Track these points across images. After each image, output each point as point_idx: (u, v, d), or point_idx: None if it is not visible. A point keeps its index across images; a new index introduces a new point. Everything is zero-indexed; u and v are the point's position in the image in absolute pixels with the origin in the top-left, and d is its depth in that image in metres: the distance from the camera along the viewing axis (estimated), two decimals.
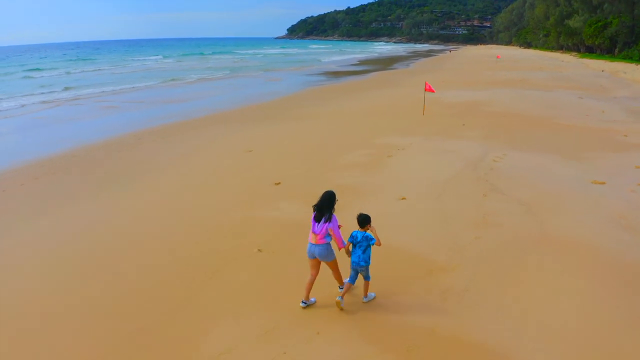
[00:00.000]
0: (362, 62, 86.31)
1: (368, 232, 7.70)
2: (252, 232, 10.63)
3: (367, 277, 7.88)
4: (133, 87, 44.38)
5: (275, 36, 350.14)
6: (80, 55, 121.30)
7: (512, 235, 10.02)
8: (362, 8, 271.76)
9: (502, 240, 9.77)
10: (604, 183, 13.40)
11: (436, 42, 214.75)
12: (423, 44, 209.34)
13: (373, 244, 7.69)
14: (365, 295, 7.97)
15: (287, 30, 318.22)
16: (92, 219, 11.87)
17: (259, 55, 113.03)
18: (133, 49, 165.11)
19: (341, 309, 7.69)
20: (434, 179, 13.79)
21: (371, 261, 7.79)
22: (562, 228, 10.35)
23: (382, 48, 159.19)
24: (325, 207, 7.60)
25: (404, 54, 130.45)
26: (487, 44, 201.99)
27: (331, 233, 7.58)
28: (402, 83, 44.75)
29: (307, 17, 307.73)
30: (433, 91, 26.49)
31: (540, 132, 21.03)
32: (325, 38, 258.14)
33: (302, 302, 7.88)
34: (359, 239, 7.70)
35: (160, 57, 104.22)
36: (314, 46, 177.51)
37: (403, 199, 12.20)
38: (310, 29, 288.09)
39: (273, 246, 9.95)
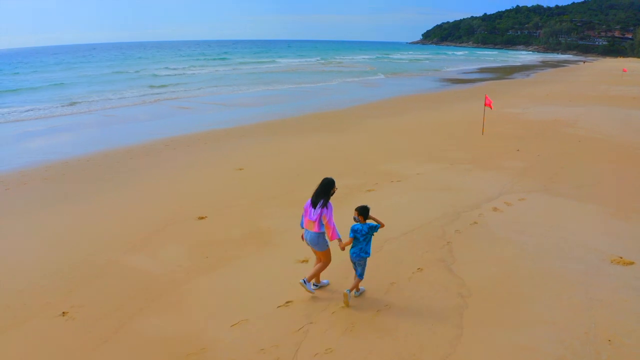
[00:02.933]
0: (482, 70, 78.70)
1: (370, 221, 7.12)
2: (81, 285, 7.93)
3: (361, 274, 7.28)
4: (231, 90, 42.52)
5: (409, 41, 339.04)
6: (214, 54, 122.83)
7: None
8: (499, 15, 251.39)
9: None
10: (631, 263, 8.52)
11: (574, 52, 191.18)
12: (561, 54, 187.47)
13: (378, 229, 7.17)
14: (355, 289, 7.39)
15: (422, 35, 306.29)
16: None
17: (384, 60, 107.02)
18: (265, 49, 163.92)
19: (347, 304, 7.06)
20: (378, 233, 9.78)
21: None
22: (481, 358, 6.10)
23: (518, 57, 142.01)
24: (322, 192, 7.10)
25: (533, 63, 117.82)
26: (628, 56, 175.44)
27: (324, 220, 7.01)
28: (501, 95, 38.74)
29: (443, 23, 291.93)
30: (491, 107, 21.61)
31: (606, 166, 15.60)
32: (460, 44, 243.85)
33: (314, 284, 7.53)
34: (365, 231, 7.08)
35: (287, 59, 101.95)
36: (447, 52, 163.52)
37: (304, 261, 8.53)
38: (445, 34, 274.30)
39: (90, 308, 7.25)
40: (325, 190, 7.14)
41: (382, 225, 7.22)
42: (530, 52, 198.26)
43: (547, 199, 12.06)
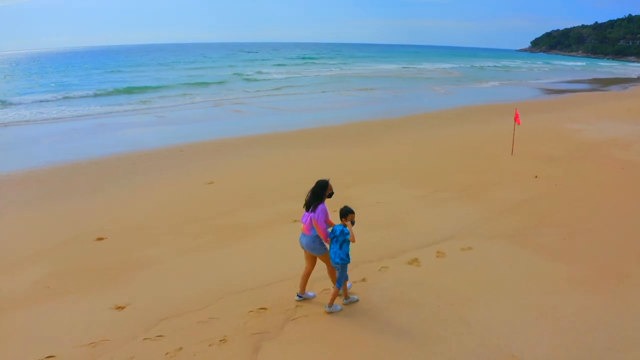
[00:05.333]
0: (575, 81, 68.97)
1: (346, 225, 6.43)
2: None
3: (339, 280, 6.50)
4: (301, 96, 39.37)
5: (518, 48, 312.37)
6: (314, 56, 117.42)
7: None
8: (611, 24, 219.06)
9: None
10: None
11: None
12: None
13: (347, 238, 6.37)
14: (329, 305, 6.53)
15: (531, 42, 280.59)
16: None
17: (482, 68, 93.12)
18: (364, 53, 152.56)
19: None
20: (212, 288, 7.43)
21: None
22: None
23: (626, 69, 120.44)
24: (313, 195, 6.52)
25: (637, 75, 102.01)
26: None
27: (315, 224, 6.44)
28: (577, 108, 33.02)
29: (552, 31, 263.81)
30: (519, 123, 17.86)
31: (631, 204, 11.78)
32: (569, 53, 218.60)
33: (297, 295, 6.88)
34: (337, 233, 6.44)
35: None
36: (564, 63, 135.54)
37: (119, 308, 6.61)
38: (554, 42, 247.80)
39: None
40: (316, 194, 6.52)
41: (352, 238, 6.41)
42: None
43: (502, 251, 8.86)
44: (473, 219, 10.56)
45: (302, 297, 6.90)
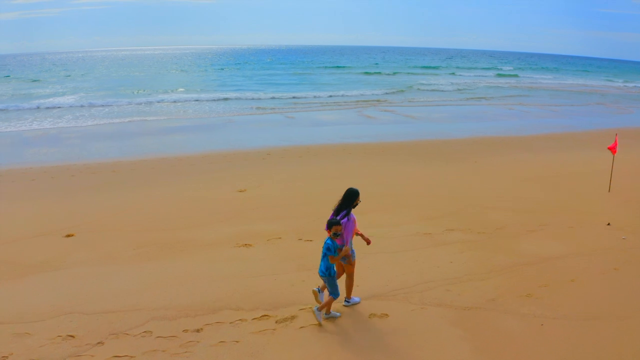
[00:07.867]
0: None
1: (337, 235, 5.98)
2: None
3: (330, 292, 6.07)
4: (450, 107, 35.14)
5: None
6: (501, 65, 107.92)
7: None
8: None
9: None
10: None
11: None
12: None
13: (334, 252, 5.86)
14: (328, 312, 6.26)
15: None
16: None
17: None
18: (559, 65, 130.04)
19: (320, 325, 6.09)
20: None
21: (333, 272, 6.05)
22: None
23: None
24: (344, 203, 6.30)
25: None
26: None
27: (341, 231, 6.17)
28: None
29: None
30: (614, 152, 13.39)
31: None
32: None
33: (345, 300, 6.69)
34: (325, 247, 6.02)
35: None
36: None
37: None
38: None
39: None
40: (347, 202, 6.28)
41: (340, 253, 5.88)
42: None
43: (424, 328, 6.42)
44: (446, 274, 8.00)
45: (350, 303, 6.71)
